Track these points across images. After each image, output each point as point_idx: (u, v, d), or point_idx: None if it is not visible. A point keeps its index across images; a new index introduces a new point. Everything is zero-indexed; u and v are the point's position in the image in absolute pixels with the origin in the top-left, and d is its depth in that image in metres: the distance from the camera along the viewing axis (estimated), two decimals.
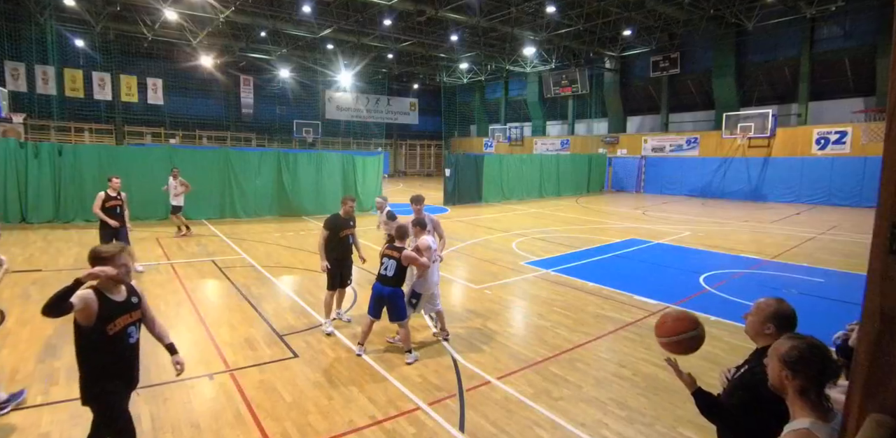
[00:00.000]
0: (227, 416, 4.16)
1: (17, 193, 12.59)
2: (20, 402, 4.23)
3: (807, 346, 1.87)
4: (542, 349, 5.92)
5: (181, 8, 21.25)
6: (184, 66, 31.20)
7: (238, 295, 7.65)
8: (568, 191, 27.02)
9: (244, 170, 15.35)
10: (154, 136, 31.99)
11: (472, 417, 4.32)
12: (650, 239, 13.54)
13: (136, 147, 18.63)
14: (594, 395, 4.80)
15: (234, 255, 10.34)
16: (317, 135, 37.73)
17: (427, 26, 26.47)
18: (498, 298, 8.00)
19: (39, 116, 27.88)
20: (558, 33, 25.99)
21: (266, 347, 5.66)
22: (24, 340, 5.50)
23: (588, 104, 34.42)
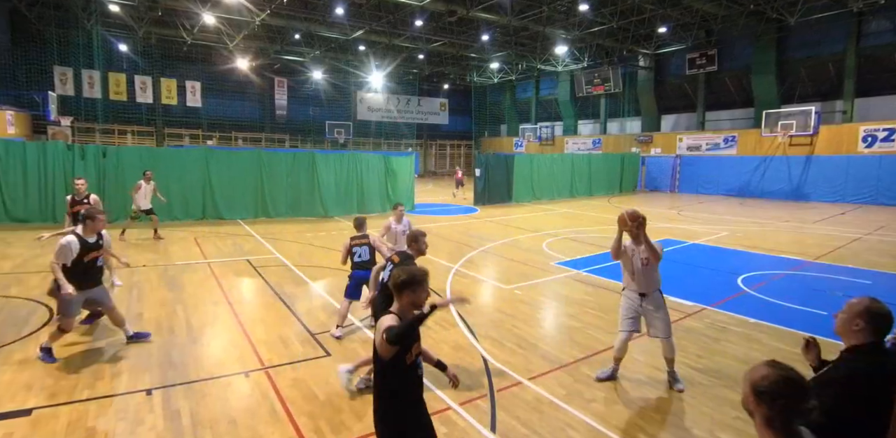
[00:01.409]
0: (263, 413, 4.25)
1: (64, 194, 13.10)
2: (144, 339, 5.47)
3: (779, 378, 1.75)
4: (574, 350, 5.86)
5: (219, 12, 21.81)
6: (221, 68, 32.01)
7: (272, 293, 7.80)
8: (600, 191, 26.64)
9: (277, 170, 15.63)
10: (192, 138, 32.92)
11: (503, 418, 4.31)
12: (685, 239, 13.23)
13: (175, 148, 19.21)
14: (628, 398, 4.73)
15: (268, 255, 10.54)
16: (348, 136, 38.19)
17: (458, 26, 26.48)
18: (528, 298, 7.95)
19: (85, 119, 29.02)
20: (591, 31, 25.65)
21: (299, 345, 5.76)
22: (71, 337, 5.68)
23: (621, 103, 33.86)
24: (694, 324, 6.79)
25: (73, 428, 3.90)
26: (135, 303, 7.05)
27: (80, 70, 27.86)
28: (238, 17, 22.54)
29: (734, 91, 27.96)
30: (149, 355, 5.30)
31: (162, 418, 4.09)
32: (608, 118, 35.40)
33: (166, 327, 6.17)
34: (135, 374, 4.85)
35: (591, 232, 14.47)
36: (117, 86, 29.01)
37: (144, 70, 29.97)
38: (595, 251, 11.70)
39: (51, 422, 3.96)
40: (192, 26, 25.54)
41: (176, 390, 4.53)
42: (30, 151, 12.86)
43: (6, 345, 5.38)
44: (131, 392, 4.50)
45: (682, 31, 26.39)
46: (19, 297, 7.03)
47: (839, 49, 23.17)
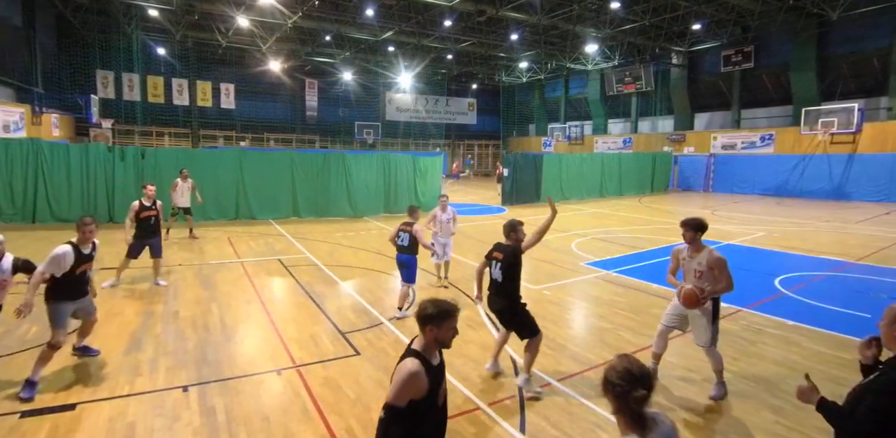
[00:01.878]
0: (295, 410, 4.33)
1: (105, 194, 13.59)
2: (91, 355, 5.10)
3: (622, 369, 1.96)
4: (604, 351, 5.81)
5: (253, 15, 22.26)
6: (254, 71, 32.65)
7: (302, 292, 7.93)
8: (630, 191, 26.22)
9: (308, 171, 15.86)
10: (226, 139, 33.68)
11: (533, 419, 4.30)
12: (720, 239, 12.95)
13: (209, 150, 19.69)
14: (661, 400, 4.66)
15: (299, 254, 10.72)
16: (377, 137, 38.51)
17: (487, 26, 26.41)
18: (557, 299, 7.90)
19: (125, 121, 29.98)
20: (622, 29, 25.24)
21: (329, 344, 5.84)
22: (112, 334, 5.93)
23: (653, 101, 33.24)
24: (729, 326, 6.65)
25: (115, 423, 4.04)
26: (171, 301, 7.27)
27: (121, 73, 28.81)
28: (271, 20, 22.96)
29: (771, 88, 27.13)
30: (185, 352, 5.46)
31: (198, 414, 4.20)
32: (639, 117, 34.79)
33: (201, 325, 6.33)
34: (172, 371, 5.00)
35: (621, 232, 14.26)
36: (155, 89, 29.89)
37: (181, 73, 30.80)
38: (625, 251, 11.54)
39: (93, 417, 4.12)
40: (226, 29, 26.14)
41: (211, 387, 4.65)
42: (73, 153, 13.35)
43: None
44: (168, 388, 4.64)
45: (717, 27, 25.74)
46: None
47: (885, 44, 22.23)
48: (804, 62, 24.33)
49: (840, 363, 5.44)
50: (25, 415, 4.08)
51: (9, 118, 17.15)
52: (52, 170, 13.06)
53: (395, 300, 7.21)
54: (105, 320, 6.34)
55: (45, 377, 4.69)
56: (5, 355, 5.25)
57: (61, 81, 26.03)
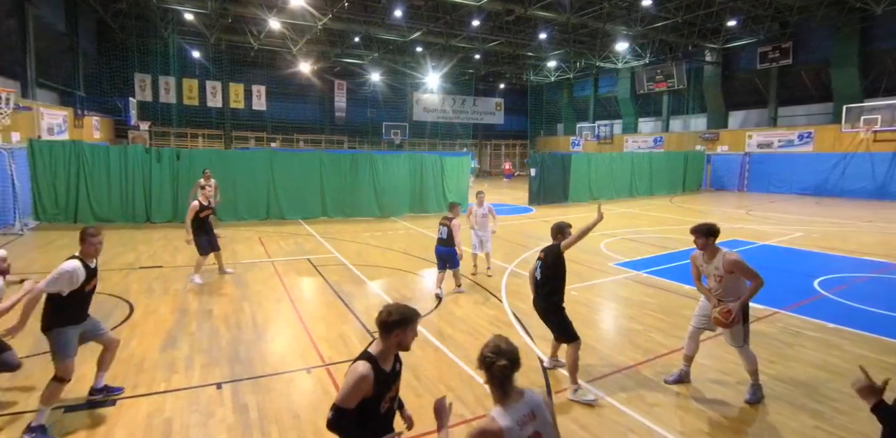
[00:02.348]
0: (325, 409, 4.31)
1: (143, 195, 14.01)
2: (114, 395, 4.46)
3: (492, 345, 2.26)
4: (635, 353, 5.74)
5: (284, 17, 22.65)
6: (284, 72, 33.18)
7: (331, 292, 8.03)
8: (661, 191, 25.75)
9: (336, 171, 16.05)
10: (257, 140, 34.34)
11: (562, 421, 4.26)
12: (755, 240, 12.64)
13: (241, 151, 20.10)
14: (694, 403, 4.58)
15: (328, 254, 10.86)
16: (404, 137, 38.72)
17: (515, 25, 26.27)
18: (585, 300, 7.82)
19: (161, 123, 30.87)
20: (654, 27, 24.77)
21: (358, 343, 5.90)
22: (150, 331, 6.10)
23: (685, 99, 32.55)
24: (765, 329, 6.49)
25: (153, 419, 4.16)
26: (205, 300, 7.45)
27: (158, 76, 29.69)
28: (301, 22, 23.31)
29: (811, 85, 26.26)
30: (219, 350, 5.59)
31: (231, 411, 4.30)
32: (671, 115, 34.12)
33: (234, 323, 6.48)
34: (206, 368, 5.12)
35: (651, 232, 14.03)
36: (190, 92, 30.69)
37: (215, 75, 31.57)
38: (656, 252, 11.35)
39: (132, 412, 4.25)
40: (258, 32, 26.65)
41: (244, 384, 4.75)
42: (112, 154, 13.81)
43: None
44: (203, 385, 4.76)
45: (753, 23, 25.03)
46: (102, 293, 7.53)
47: None
48: (846, 58, 23.48)
49: (884, 367, 5.25)
50: (69, 410, 4.23)
51: (53, 121, 17.82)
52: (92, 171, 13.52)
53: (423, 300, 7.33)
54: (142, 318, 6.55)
55: (84, 374, 4.73)
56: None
57: (101, 85, 26.94)
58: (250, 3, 21.84)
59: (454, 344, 5.90)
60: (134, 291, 7.69)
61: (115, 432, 3.96)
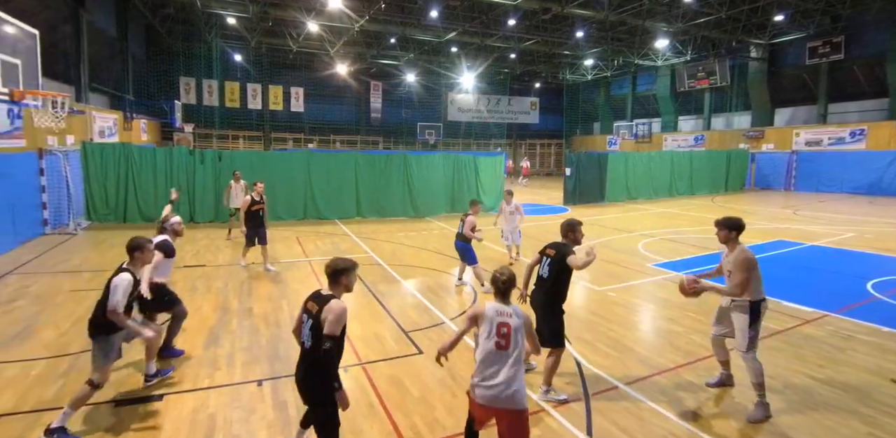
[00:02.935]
0: (361, 407, 4.46)
1: (187, 195, 14.48)
2: (166, 377, 4.87)
3: (498, 270, 3.52)
4: (675, 355, 5.64)
5: (322, 20, 23.07)
6: (321, 74, 33.80)
7: (366, 291, 8.13)
8: (702, 190, 25.06)
9: (371, 172, 16.23)
10: (295, 142, 35.07)
11: (600, 423, 4.23)
12: (802, 240, 12.21)
13: (279, 152, 20.56)
14: (736, 407, 4.48)
15: (363, 254, 10.99)
16: (438, 137, 38.86)
17: (552, 24, 26.03)
18: (623, 301, 7.71)
19: (204, 126, 31.89)
20: (696, 23, 24.11)
21: (393, 343, 5.97)
22: (193, 329, 6.30)
23: (728, 97, 31.59)
24: (814, 332, 6.27)
25: (197, 414, 4.31)
26: (245, 298, 7.65)
27: (201, 80, 30.72)
28: (339, 24, 23.71)
29: (864, 81, 25.09)
30: (259, 348, 5.74)
31: (271, 408, 4.42)
32: (712, 113, 33.18)
33: (273, 321, 6.64)
34: (247, 366, 5.27)
35: (691, 232, 13.69)
36: (232, 94, 31.61)
37: (255, 78, 32.42)
38: (697, 252, 11.09)
39: (178, 408, 4.41)
40: (297, 35, 27.24)
41: (283, 382, 4.86)
42: (159, 156, 14.33)
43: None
44: (244, 382, 4.90)
45: (802, 18, 24.10)
46: None
47: None
48: None
49: None
50: (118, 405, 4.42)
51: (104, 124, 18.62)
52: (140, 173, 14.06)
53: (456, 299, 7.43)
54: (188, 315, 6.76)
55: (134, 369, 5.02)
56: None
57: (149, 88, 28.03)
58: (290, 7, 22.33)
59: None
60: (179, 289, 7.89)
61: (163, 426, 4.11)
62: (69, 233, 12.37)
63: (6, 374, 4.90)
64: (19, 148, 11.10)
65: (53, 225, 12.51)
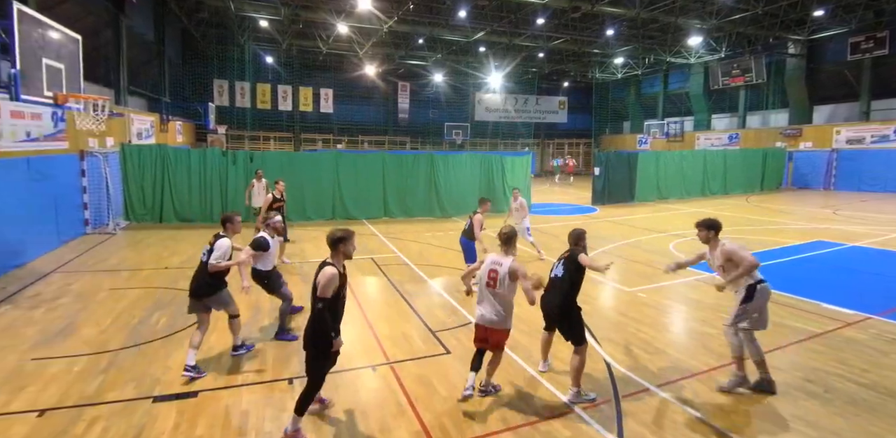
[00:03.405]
0: (390, 406, 4.49)
1: (220, 195, 14.81)
2: (249, 350, 5.51)
3: (504, 226, 4.70)
4: (708, 358, 5.54)
5: (351, 21, 23.31)
6: (350, 75, 34.16)
7: (394, 291, 8.18)
8: (737, 189, 24.45)
9: (399, 172, 16.33)
10: (324, 142, 35.53)
11: (632, 425, 4.18)
12: (843, 241, 11.83)
13: (308, 153, 20.85)
14: (775, 411, 4.37)
15: (390, 253, 11.07)
16: (466, 137, 38.83)
17: (581, 22, 25.72)
18: (654, 302, 7.59)
19: (237, 127, 32.57)
20: (731, 19, 23.49)
21: (420, 342, 6.00)
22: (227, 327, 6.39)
23: (764, 94, 30.69)
24: (856, 335, 6.08)
25: (231, 411, 4.40)
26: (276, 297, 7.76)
27: (234, 82, 31.40)
28: (368, 26, 23.91)
29: None
30: (290, 346, 5.83)
31: None
32: (747, 111, 32.31)
33: (302, 321, 6.70)
34: (278, 364, 5.36)
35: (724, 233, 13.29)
36: (263, 96, 32.22)
37: (286, 80, 32.97)
38: None
39: (213, 404, 4.51)
40: (327, 36, 27.60)
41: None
42: (193, 157, 14.69)
43: (177, 333, 6.21)
44: (276, 380, 4.99)
45: (843, 12, 23.23)
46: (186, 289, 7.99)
47: None
48: None
49: None
50: (157, 400, 4.54)
51: (141, 126, 19.20)
52: (175, 174, 14.43)
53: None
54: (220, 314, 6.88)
55: (170, 366, 5.23)
56: (143, 343, 5.89)
57: (184, 91, 28.78)
58: (320, 9, 22.63)
59: (517, 344, 5.87)
60: None
61: (198, 421, 4.21)
62: (108, 233, 12.77)
63: (51, 370, 5.09)
64: (62, 150, 11.52)
65: (94, 225, 12.93)
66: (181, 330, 6.26)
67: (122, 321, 6.53)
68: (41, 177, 10.17)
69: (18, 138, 9.57)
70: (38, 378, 4.91)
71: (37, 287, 8.07)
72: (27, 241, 9.54)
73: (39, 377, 4.93)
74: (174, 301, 7.46)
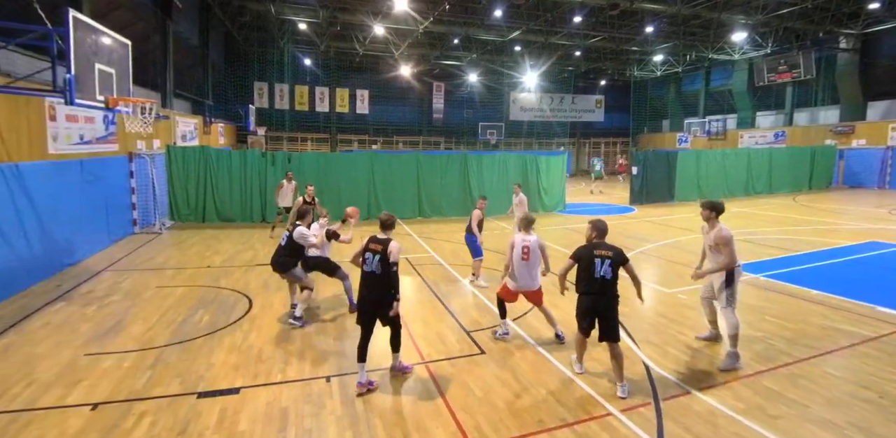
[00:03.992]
0: (426, 405, 4.51)
1: (259, 196, 15.15)
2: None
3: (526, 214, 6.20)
4: (753, 361, 5.38)
5: (388, 22, 23.54)
6: (386, 76, 34.46)
7: (428, 291, 8.22)
8: (783, 188, 23.57)
9: (433, 172, 16.38)
10: (360, 143, 35.95)
11: (672, 429, 4.08)
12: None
13: (344, 153, 21.13)
14: (826, 417, 4.20)
15: (424, 253, 11.12)
16: (500, 137, 38.63)
17: (619, 19, 25.22)
18: (694, 303, 7.37)
19: (275, 129, 33.30)
20: (778, 14, 22.64)
21: (455, 343, 6.00)
22: (266, 325, 6.59)
23: (812, 90, 29.46)
24: None
25: (271, 407, 4.49)
26: (314, 295, 7.88)
27: (273, 84, 32.12)
28: (404, 27, 24.10)
29: None
30: (326, 344, 5.93)
31: (340, 404, 4.54)
32: (795, 108, 31.08)
33: (338, 319, 6.83)
34: (316, 362, 5.45)
35: (769, 233, 12.92)
36: (301, 98, 32.85)
37: (323, 81, 33.53)
38: (776, 254, 10.48)
39: (254, 401, 4.61)
40: (364, 38, 27.95)
41: (350, 378, 4.99)
42: (234, 159, 15.08)
43: (218, 331, 6.37)
44: (314, 378, 5.07)
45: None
46: (227, 288, 8.30)
47: None
48: None
49: None
50: (201, 396, 4.68)
51: (185, 128, 19.84)
52: (217, 175, 14.84)
53: (518, 301, 7.27)
54: (260, 312, 7.09)
55: (213, 363, 5.38)
56: (187, 340, 6.09)
57: (226, 94, 29.56)
58: (357, 11, 22.93)
59: (553, 345, 5.83)
60: (253, 287, 8.35)
61: (240, 417, 4.32)
62: (155, 233, 13.23)
63: (103, 365, 5.31)
64: (112, 152, 12.02)
65: (141, 225, 13.41)
66: (222, 328, 6.44)
67: (167, 318, 6.75)
68: (93, 178, 10.62)
69: (73, 141, 10.03)
70: (90, 372, 5.12)
71: (89, 284, 8.43)
72: (80, 241, 9.97)
73: (92, 371, 5.14)
74: (216, 299, 7.68)
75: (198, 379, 4.98)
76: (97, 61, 7.11)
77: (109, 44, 7.54)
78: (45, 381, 4.91)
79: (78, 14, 6.47)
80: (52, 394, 4.65)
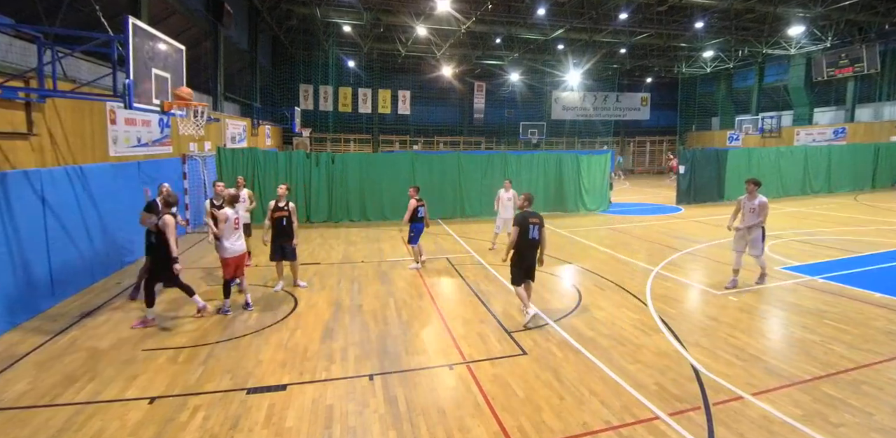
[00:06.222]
0: (468, 405, 4.50)
1: (303, 197, 15.48)
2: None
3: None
4: (811, 366, 5.15)
5: (430, 23, 23.67)
6: (427, 77, 34.68)
7: (469, 291, 8.20)
8: (844, 188, 22.40)
9: (472, 171, 16.32)
10: (401, 144, 36.28)
11: (724, 434, 3.96)
12: None
13: (386, 154, 21.35)
14: (894, 426, 3.98)
15: (464, 253, 11.11)
16: (541, 136, 38.20)
17: (667, 15, 24.54)
18: (746, 306, 7.14)
19: (319, 130, 34.01)
20: (839, 6, 21.50)
21: (496, 343, 5.97)
22: (311, 323, 6.72)
23: (876, 85, 27.83)
24: None
25: (317, 405, 4.58)
26: (356, 295, 8.02)
27: (318, 86, 32.82)
28: (446, 27, 24.18)
29: None
30: (369, 343, 6.00)
31: (383, 402, 4.59)
32: (856, 104, 29.44)
33: (381, 318, 6.91)
34: (359, 360, 5.52)
35: (828, 233, 12.32)
36: (345, 99, 33.43)
37: (366, 83, 34.03)
38: (836, 255, 10.01)
39: (300, 398, 4.71)
40: (406, 39, 28.21)
41: (392, 377, 5.05)
42: (280, 160, 15.46)
43: (265, 328, 6.53)
44: (357, 376, 5.14)
45: None
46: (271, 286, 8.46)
47: None
48: None
49: None
50: (251, 392, 4.81)
51: (235, 130, 20.49)
52: (265, 175, 15.23)
53: (559, 301, 7.46)
54: (305, 310, 7.25)
55: (261, 360, 5.53)
56: (236, 337, 6.28)
57: (273, 96, 30.41)
58: (400, 12, 23.16)
59: (596, 347, 5.73)
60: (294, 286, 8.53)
61: (287, 413, 4.42)
62: (205, 232, 13.68)
63: (158, 360, 5.54)
64: (167, 154, 12.53)
65: (193, 225, 13.89)
66: (269, 326, 6.60)
67: (217, 316, 6.98)
68: (150, 179, 11.10)
69: (131, 143, 10.52)
70: (148, 367, 5.35)
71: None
72: (137, 241, 10.39)
73: (149, 366, 5.37)
74: (262, 298, 7.87)
75: (247, 376, 5.13)
76: (154, 66, 7.40)
77: (165, 49, 7.85)
78: (108, 375, 5.15)
79: (137, 21, 6.74)
80: (113, 388, 4.88)
